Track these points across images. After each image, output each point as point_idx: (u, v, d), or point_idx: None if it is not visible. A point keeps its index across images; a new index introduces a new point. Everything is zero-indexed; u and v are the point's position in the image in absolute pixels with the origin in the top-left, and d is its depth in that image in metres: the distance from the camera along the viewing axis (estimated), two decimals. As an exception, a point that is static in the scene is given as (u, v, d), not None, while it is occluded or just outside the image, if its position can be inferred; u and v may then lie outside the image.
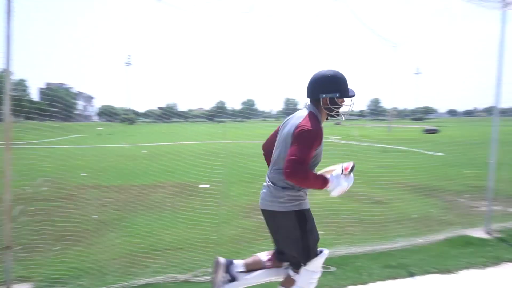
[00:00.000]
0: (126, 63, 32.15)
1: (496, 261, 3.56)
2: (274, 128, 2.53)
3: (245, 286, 2.37)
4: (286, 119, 2.35)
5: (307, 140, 2.06)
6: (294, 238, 2.20)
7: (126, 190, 6.67)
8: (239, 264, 2.38)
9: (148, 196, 6.36)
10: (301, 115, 2.21)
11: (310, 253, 2.23)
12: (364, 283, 3.12)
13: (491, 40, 4.12)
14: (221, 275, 2.32)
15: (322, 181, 2.09)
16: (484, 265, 3.48)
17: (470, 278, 3.24)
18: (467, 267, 3.43)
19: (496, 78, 4.04)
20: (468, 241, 4.05)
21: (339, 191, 2.14)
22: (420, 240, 4.06)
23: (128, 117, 17.70)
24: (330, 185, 2.11)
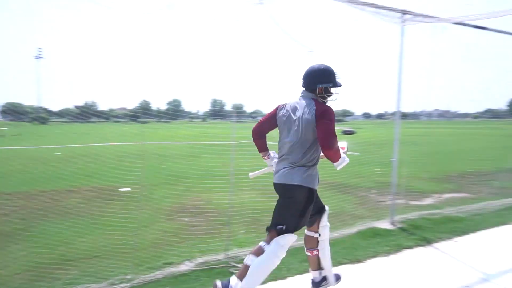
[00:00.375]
0: (37, 56, 29.25)
1: (398, 248, 3.97)
2: (201, 129, 2.58)
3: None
4: (285, 108, 2.64)
5: (332, 118, 2.45)
6: (298, 206, 2.55)
7: (34, 197, 6.07)
8: (233, 279, 2.50)
9: (60, 202, 5.86)
10: (308, 102, 2.55)
11: (296, 227, 2.58)
12: (284, 278, 3.25)
13: (393, 51, 4.59)
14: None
15: (340, 155, 2.53)
16: (388, 253, 3.85)
17: (376, 266, 3.56)
18: (374, 256, 3.77)
19: (397, 86, 4.51)
20: (376, 232, 4.45)
21: (343, 166, 2.57)
22: (335, 234, 4.34)
23: (38, 116, 16.09)
24: (340, 160, 2.53)
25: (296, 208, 2.56)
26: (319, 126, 2.44)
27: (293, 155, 2.56)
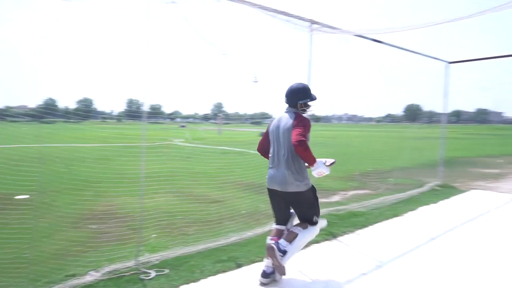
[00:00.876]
0: None
1: (307, 244, 4.20)
2: (116, 130, 2.48)
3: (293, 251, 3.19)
4: (273, 123, 3.27)
5: (306, 124, 3.04)
6: (312, 203, 3.25)
7: None
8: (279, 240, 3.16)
9: None
10: (290, 115, 3.16)
11: (318, 210, 3.34)
12: (196, 280, 3.23)
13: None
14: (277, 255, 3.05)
15: (313, 159, 2.98)
16: (297, 248, 4.08)
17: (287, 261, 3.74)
18: (285, 252, 3.95)
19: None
20: (287, 230, 4.67)
21: (319, 173, 3.03)
22: (249, 234, 4.46)
23: None
24: (315, 165, 2.99)
25: (309, 204, 3.25)
26: (293, 130, 2.97)
27: (287, 162, 3.10)
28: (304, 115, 3.22)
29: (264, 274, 3.19)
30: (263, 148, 3.43)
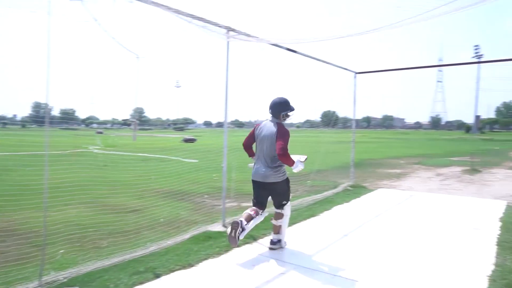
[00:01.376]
0: None
1: (228, 248, 4.24)
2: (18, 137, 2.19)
3: (248, 230, 3.99)
4: (259, 128, 4.16)
5: (286, 136, 3.89)
6: (285, 191, 4.19)
7: None
8: (243, 219, 3.92)
9: None
10: (274, 124, 4.02)
11: (288, 198, 4.27)
12: (110, 295, 3.04)
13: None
14: (238, 229, 3.78)
15: (292, 162, 3.87)
16: (218, 254, 4.08)
17: (207, 267, 3.72)
18: (206, 258, 3.92)
19: (224, 96, 4.84)
20: (209, 236, 4.64)
21: (298, 170, 3.94)
22: (169, 242, 4.33)
23: None
24: (294, 165, 3.89)
25: (283, 192, 4.18)
26: (277, 142, 3.86)
27: (266, 161, 4.04)
28: (285, 122, 4.13)
29: (272, 243, 4.30)
30: (246, 145, 4.35)
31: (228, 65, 4.62)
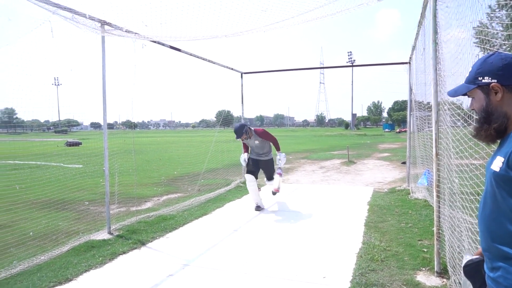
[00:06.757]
0: None
1: (113, 256, 4.01)
2: None
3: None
4: (248, 141, 6.30)
5: (267, 133, 6.28)
6: (272, 166, 6.50)
7: None
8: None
9: None
10: (255, 138, 6.19)
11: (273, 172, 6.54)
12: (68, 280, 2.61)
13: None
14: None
15: (278, 145, 6.42)
16: (102, 263, 3.82)
17: (88, 280, 3.46)
18: (87, 270, 3.64)
19: (102, 96, 4.52)
20: (91, 245, 4.32)
21: (283, 162, 6.42)
22: (42, 258, 3.90)
23: None
24: (279, 153, 6.41)
25: (271, 166, 6.47)
26: (268, 139, 6.26)
27: (261, 150, 6.30)
28: (252, 131, 6.17)
29: (257, 207, 6.28)
30: (246, 147, 6.49)
31: (104, 62, 4.31)
